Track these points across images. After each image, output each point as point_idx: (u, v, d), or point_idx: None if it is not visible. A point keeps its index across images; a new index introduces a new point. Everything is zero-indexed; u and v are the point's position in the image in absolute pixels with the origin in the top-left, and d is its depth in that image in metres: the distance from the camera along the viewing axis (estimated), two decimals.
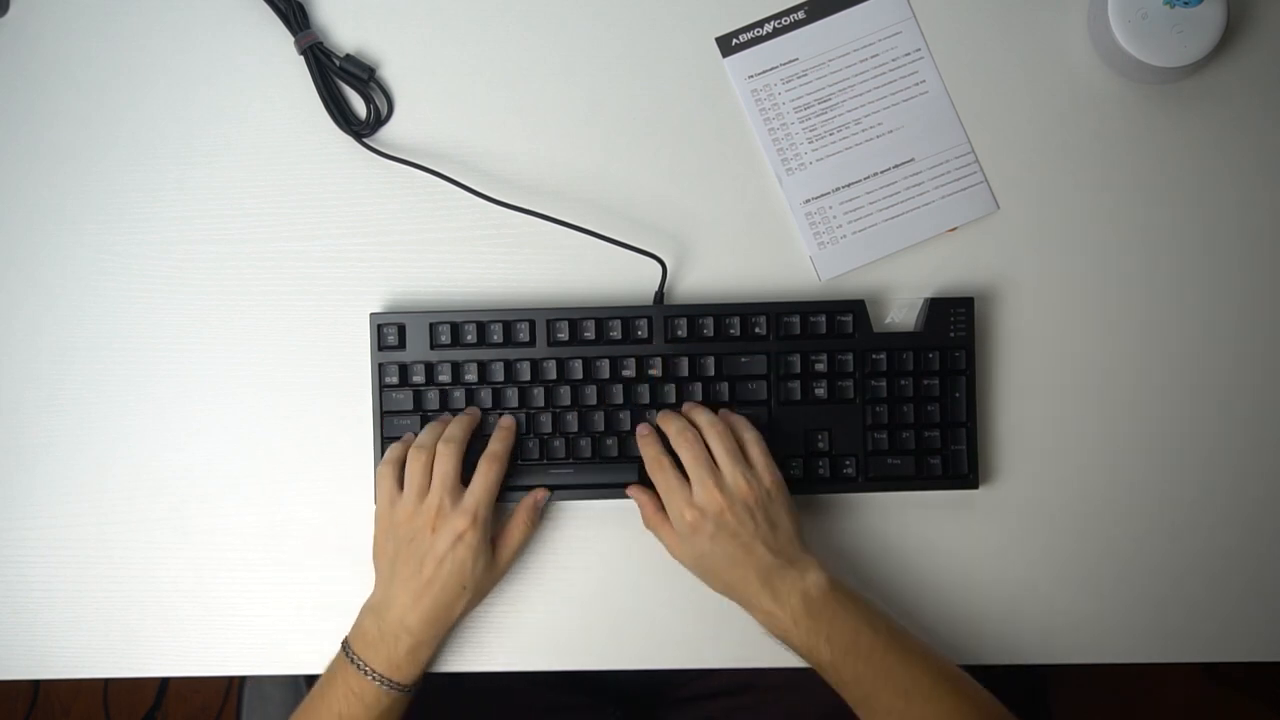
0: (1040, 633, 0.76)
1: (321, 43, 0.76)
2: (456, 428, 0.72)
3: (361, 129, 0.76)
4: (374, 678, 0.69)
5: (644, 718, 0.91)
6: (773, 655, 0.75)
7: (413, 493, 0.70)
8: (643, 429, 0.73)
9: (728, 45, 0.77)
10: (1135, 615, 0.76)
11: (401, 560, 0.70)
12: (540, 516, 0.75)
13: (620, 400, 0.73)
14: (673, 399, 0.73)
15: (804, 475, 0.74)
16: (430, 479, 0.70)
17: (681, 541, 0.69)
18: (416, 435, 0.73)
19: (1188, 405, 0.77)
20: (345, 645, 0.71)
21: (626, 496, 0.74)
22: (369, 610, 0.71)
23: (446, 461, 0.70)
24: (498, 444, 0.72)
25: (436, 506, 0.69)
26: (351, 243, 0.77)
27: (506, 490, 0.74)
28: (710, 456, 0.69)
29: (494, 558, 0.72)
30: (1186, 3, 0.72)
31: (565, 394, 0.73)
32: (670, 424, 0.71)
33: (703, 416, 0.71)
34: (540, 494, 0.74)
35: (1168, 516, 0.77)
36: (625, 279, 0.76)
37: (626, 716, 0.91)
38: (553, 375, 0.74)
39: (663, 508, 0.71)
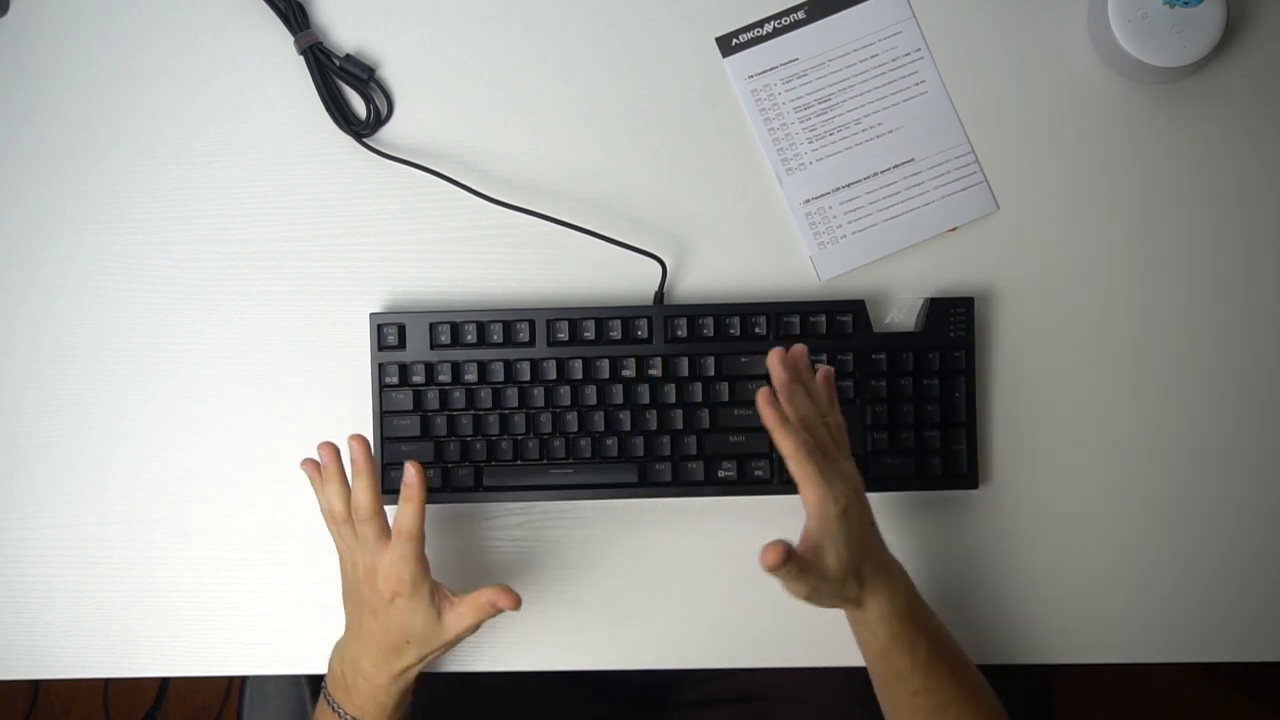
0: (1041, 633, 0.76)
1: (321, 43, 0.76)
2: (402, 496, 0.66)
3: (361, 129, 0.76)
4: (345, 718, 0.69)
5: (642, 716, 0.90)
6: (770, 655, 0.75)
7: (347, 545, 0.68)
8: (768, 403, 0.62)
9: (728, 45, 0.77)
10: (1135, 615, 0.76)
11: (353, 606, 0.69)
12: (494, 614, 0.67)
13: (620, 400, 0.73)
14: (673, 399, 0.73)
15: None
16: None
17: (828, 526, 0.61)
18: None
19: (1188, 405, 0.77)
20: (324, 685, 0.71)
21: (627, 496, 0.74)
22: (336, 649, 0.72)
23: (363, 529, 0.66)
24: (405, 517, 0.65)
25: (369, 566, 0.66)
26: (351, 243, 0.77)
27: (505, 491, 0.74)
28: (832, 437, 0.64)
29: (441, 619, 0.66)
30: (1186, 3, 0.72)
31: (565, 394, 0.73)
32: (802, 403, 0.64)
33: (825, 402, 0.65)
34: (506, 602, 0.66)
35: (1167, 516, 0.76)
36: (625, 279, 0.76)
37: (634, 716, 0.90)
38: (553, 375, 0.74)
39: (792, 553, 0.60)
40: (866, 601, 0.64)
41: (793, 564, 0.59)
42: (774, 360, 0.64)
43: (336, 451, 0.68)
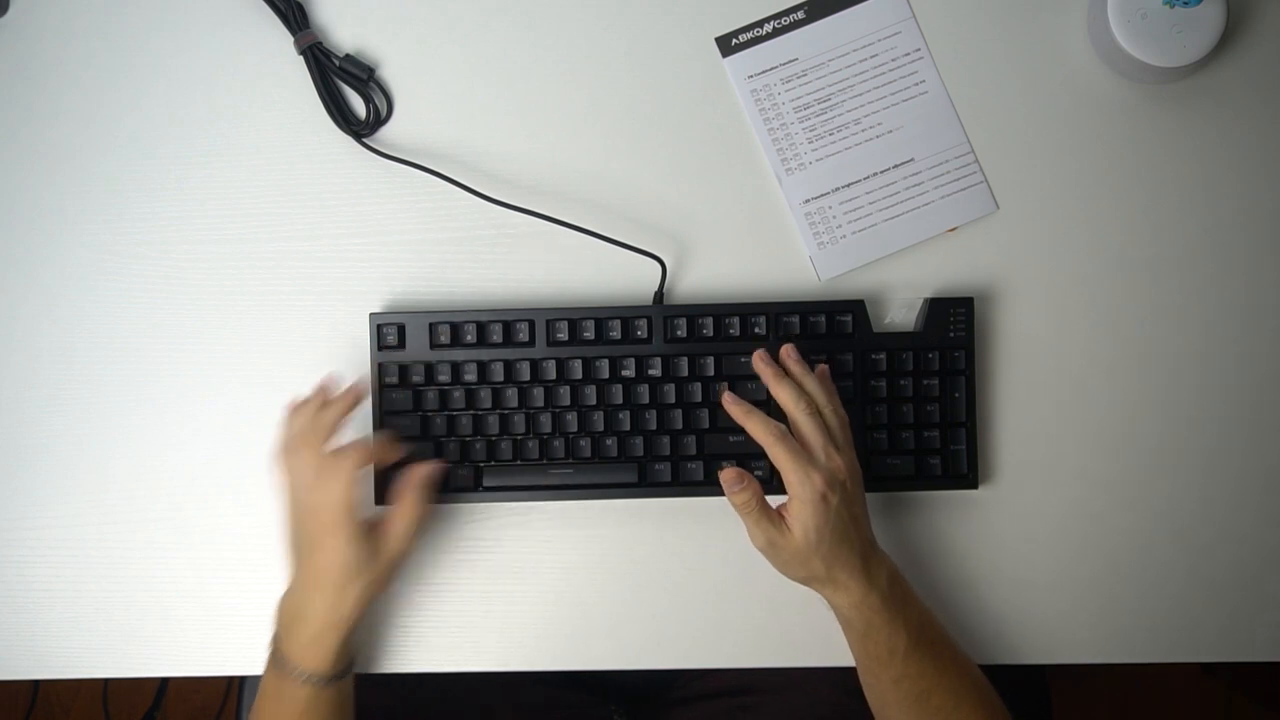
0: (1040, 633, 0.76)
1: (321, 43, 0.76)
2: (321, 413, 0.69)
3: (361, 129, 0.76)
4: (288, 670, 0.68)
5: (646, 716, 0.91)
6: (770, 655, 0.75)
7: (294, 482, 0.69)
8: (731, 399, 0.70)
9: (728, 45, 0.77)
10: (1135, 615, 0.76)
11: (296, 548, 0.69)
12: (430, 493, 0.70)
13: (620, 400, 0.73)
14: (672, 399, 0.73)
15: None
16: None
17: (802, 512, 0.65)
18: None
19: (1188, 405, 0.77)
20: (270, 649, 0.70)
21: (627, 496, 0.74)
22: (279, 605, 0.71)
23: (313, 453, 0.68)
24: (353, 447, 0.67)
25: (308, 500, 0.67)
26: (351, 243, 0.77)
27: (505, 491, 0.74)
28: (827, 428, 0.67)
29: (378, 545, 0.67)
30: (1186, 3, 0.72)
31: (565, 394, 0.73)
32: (788, 397, 0.68)
33: (819, 392, 0.68)
34: (430, 468, 0.69)
35: (1167, 516, 0.76)
36: (625, 279, 0.76)
37: (629, 715, 0.91)
38: (552, 375, 0.74)
39: (764, 498, 0.67)
40: (841, 589, 0.67)
41: (753, 500, 0.66)
42: (758, 358, 0.70)
43: (331, 386, 0.70)
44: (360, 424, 0.75)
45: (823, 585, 0.67)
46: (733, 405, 0.69)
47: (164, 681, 1.47)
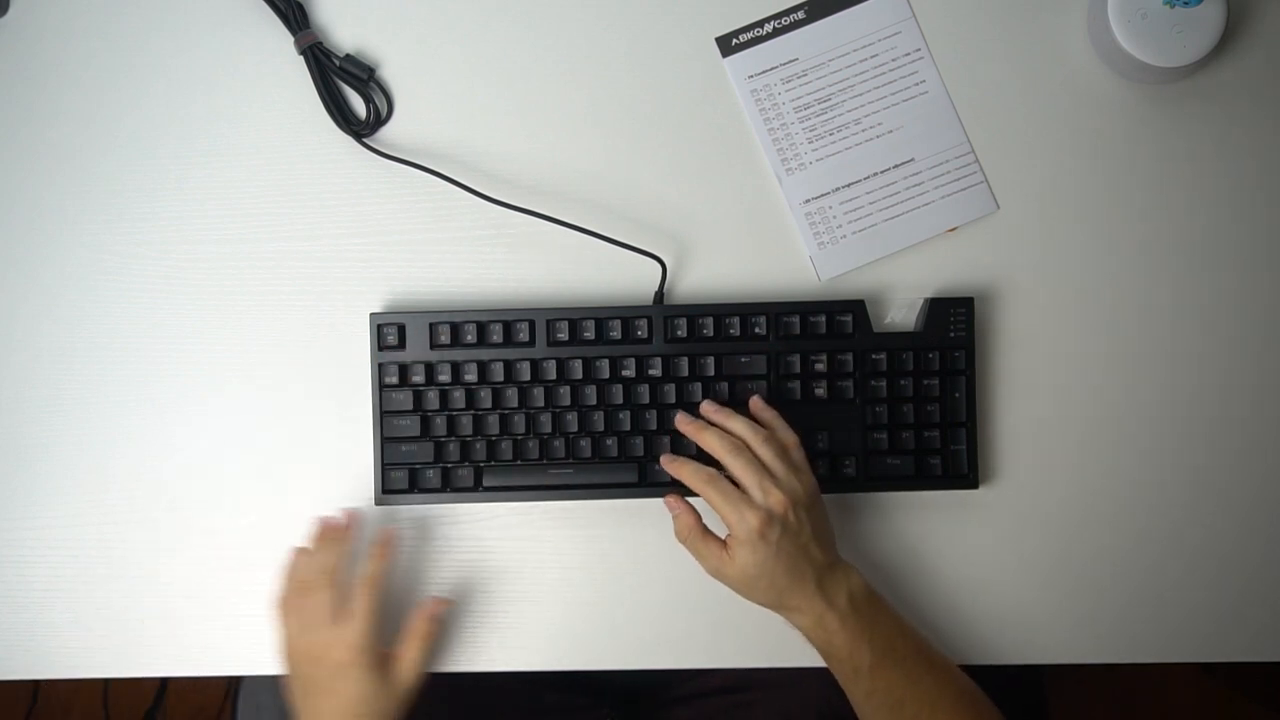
0: (1040, 633, 0.76)
1: (321, 43, 0.76)
2: (371, 551, 0.71)
3: (361, 129, 0.76)
4: None
5: (641, 716, 0.91)
6: (770, 655, 0.75)
7: (300, 625, 0.70)
8: (666, 458, 0.71)
9: (728, 45, 0.77)
10: (1134, 615, 0.76)
11: (305, 696, 0.69)
12: (440, 629, 0.72)
13: (620, 400, 0.73)
14: (672, 399, 0.73)
15: None
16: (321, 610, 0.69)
17: (742, 549, 0.66)
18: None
19: (1187, 405, 0.77)
20: None
21: (627, 496, 0.74)
22: None
23: (329, 594, 0.69)
24: (374, 564, 0.70)
25: (320, 639, 0.68)
26: (351, 243, 0.77)
27: (505, 491, 0.74)
28: (761, 462, 0.68)
29: (389, 679, 0.69)
30: (1186, 3, 0.72)
31: (565, 394, 0.73)
32: (713, 442, 0.69)
33: (744, 430, 0.69)
34: (437, 607, 0.72)
35: (1167, 516, 0.77)
36: (625, 279, 0.76)
37: (624, 716, 0.91)
38: (552, 375, 0.74)
39: (701, 523, 0.69)
40: (796, 612, 0.67)
41: (686, 530, 0.68)
42: (679, 421, 0.71)
43: (351, 523, 0.73)
44: (360, 424, 0.75)
45: (777, 610, 0.68)
46: (668, 464, 0.71)
47: (164, 681, 1.47)
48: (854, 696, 0.69)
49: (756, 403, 0.72)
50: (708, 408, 0.71)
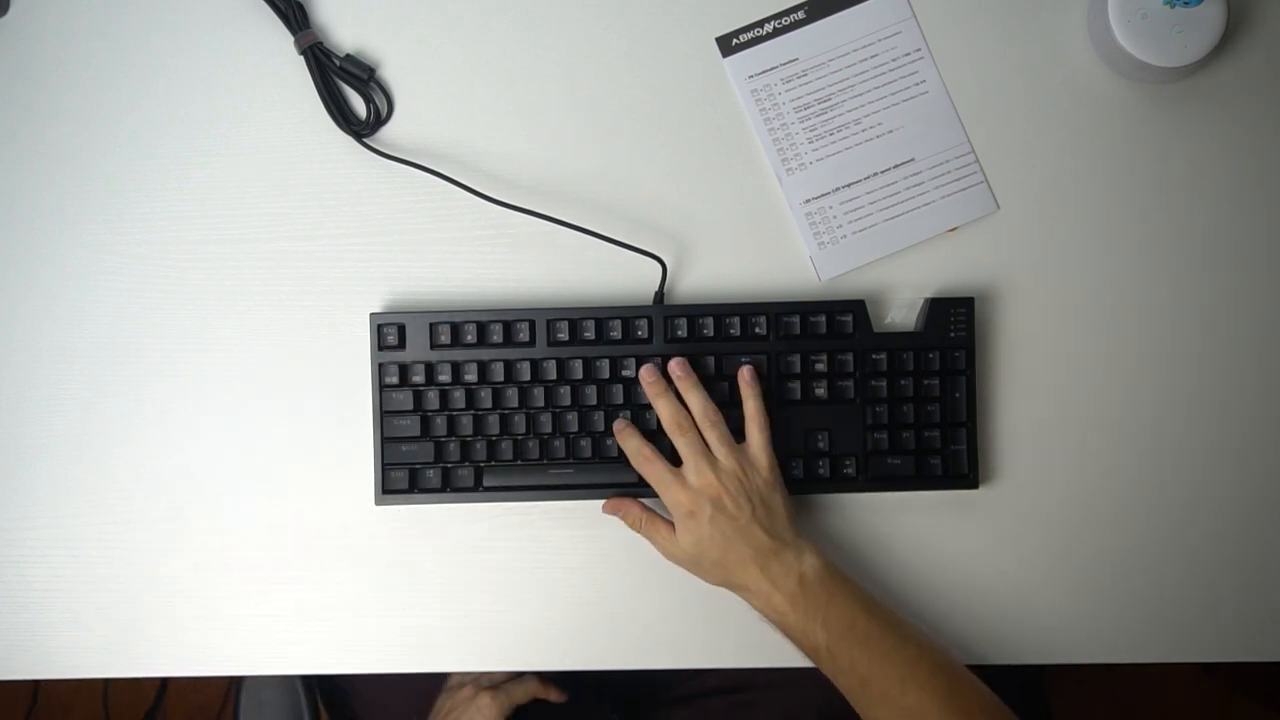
0: (1040, 633, 0.76)
1: (321, 43, 0.76)
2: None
3: (361, 129, 0.76)
4: None
5: (642, 716, 0.91)
6: (770, 655, 0.75)
7: None
8: (619, 423, 0.72)
9: (728, 45, 0.77)
10: (1135, 615, 0.76)
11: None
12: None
13: (620, 400, 0.73)
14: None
15: (804, 475, 0.74)
16: None
17: (678, 529, 0.69)
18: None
19: (1187, 404, 0.77)
20: None
21: (627, 496, 0.74)
22: None
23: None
24: (519, 691, 0.87)
25: None
26: (351, 243, 0.77)
27: (505, 491, 0.74)
28: (704, 443, 0.69)
29: None
30: (1186, 3, 0.72)
31: (565, 394, 0.73)
32: (664, 411, 0.70)
33: (697, 402, 0.71)
34: (551, 694, 0.88)
35: (1167, 516, 0.77)
36: (625, 279, 0.76)
37: (625, 716, 0.91)
38: (553, 375, 0.73)
39: (647, 510, 0.71)
40: (744, 592, 0.69)
41: (636, 520, 0.71)
42: (644, 372, 0.72)
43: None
44: (360, 424, 0.75)
45: (731, 589, 0.70)
46: (619, 431, 0.72)
47: (164, 681, 1.47)
48: (827, 675, 0.69)
49: (742, 374, 0.72)
50: (674, 366, 0.72)
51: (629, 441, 0.71)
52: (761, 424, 0.71)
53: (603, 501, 0.73)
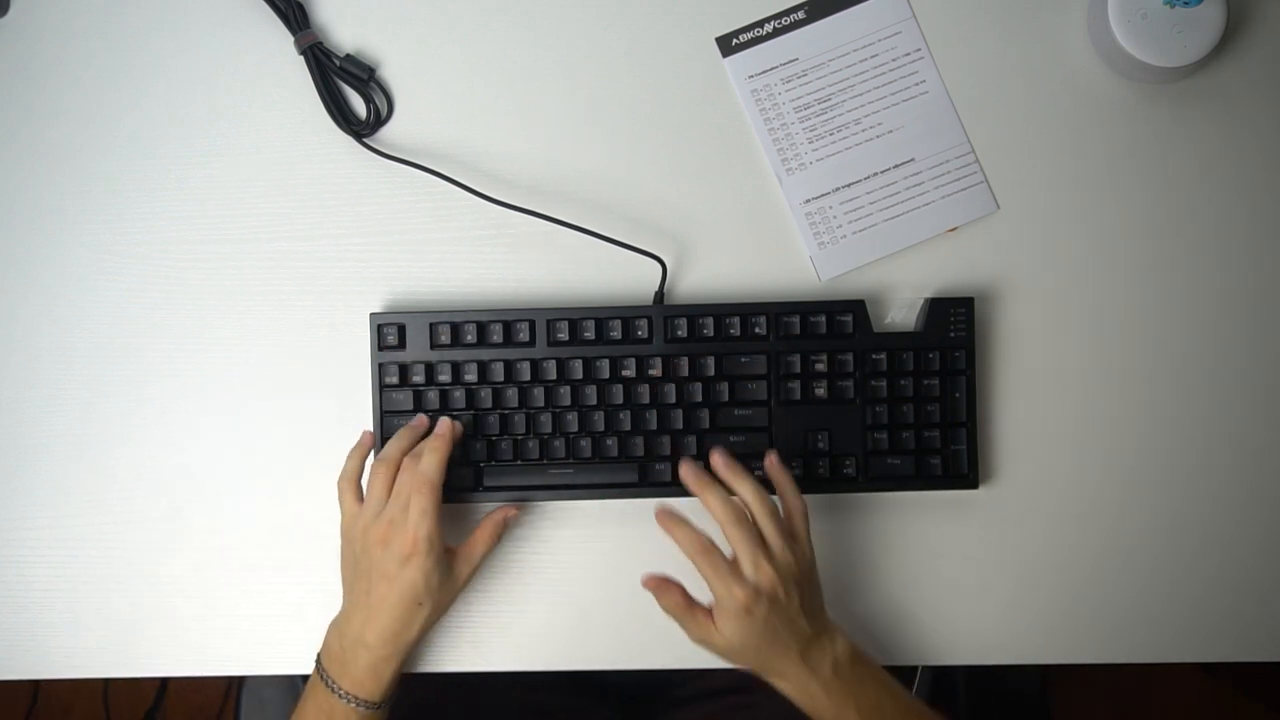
0: (1040, 633, 0.76)
1: (321, 43, 0.76)
2: (425, 444, 0.71)
3: (361, 129, 0.76)
4: (340, 694, 0.69)
5: (643, 717, 0.91)
6: None
7: (371, 506, 0.69)
8: (661, 512, 0.69)
9: (728, 45, 0.77)
10: (1135, 615, 0.76)
11: (359, 575, 0.70)
12: (505, 532, 0.74)
13: (620, 400, 0.73)
14: (672, 399, 0.73)
15: (804, 475, 0.74)
16: (389, 493, 0.69)
17: (725, 622, 0.66)
18: (380, 446, 0.73)
19: (1188, 405, 0.77)
20: (317, 660, 0.71)
21: (627, 496, 0.74)
22: (334, 625, 0.71)
23: (405, 478, 0.69)
24: (428, 461, 0.69)
25: (389, 521, 0.68)
26: (351, 243, 0.77)
27: (505, 491, 0.74)
28: (760, 535, 0.67)
29: (451, 572, 0.70)
30: (1186, 3, 0.72)
31: (565, 394, 0.73)
32: (715, 506, 0.68)
33: (750, 495, 0.68)
34: (510, 512, 0.73)
35: (1167, 516, 0.77)
36: (625, 279, 0.76)
37: (625, 716, 0.91)
38: (553, 375, 0.74)
39: (687, 597, 0.68)
40: (779, 678, 0.68)
41: (674, 605, 0.68)
42: (684, 470, 0.70)
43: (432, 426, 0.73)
44: (360, 424, 0.75)
45: (763, 674, 0.69)
46: (663, 518, 0.69)
47: (164, 681, 1.47)
48: None
49: (772, 461, 0.71)
50: (718, 460, 0.70)
51: (677, 529, 0.68)
52: (804, 513, 0.69)
53: (644, 576, 0.69)
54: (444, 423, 0.72)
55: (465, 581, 0.72)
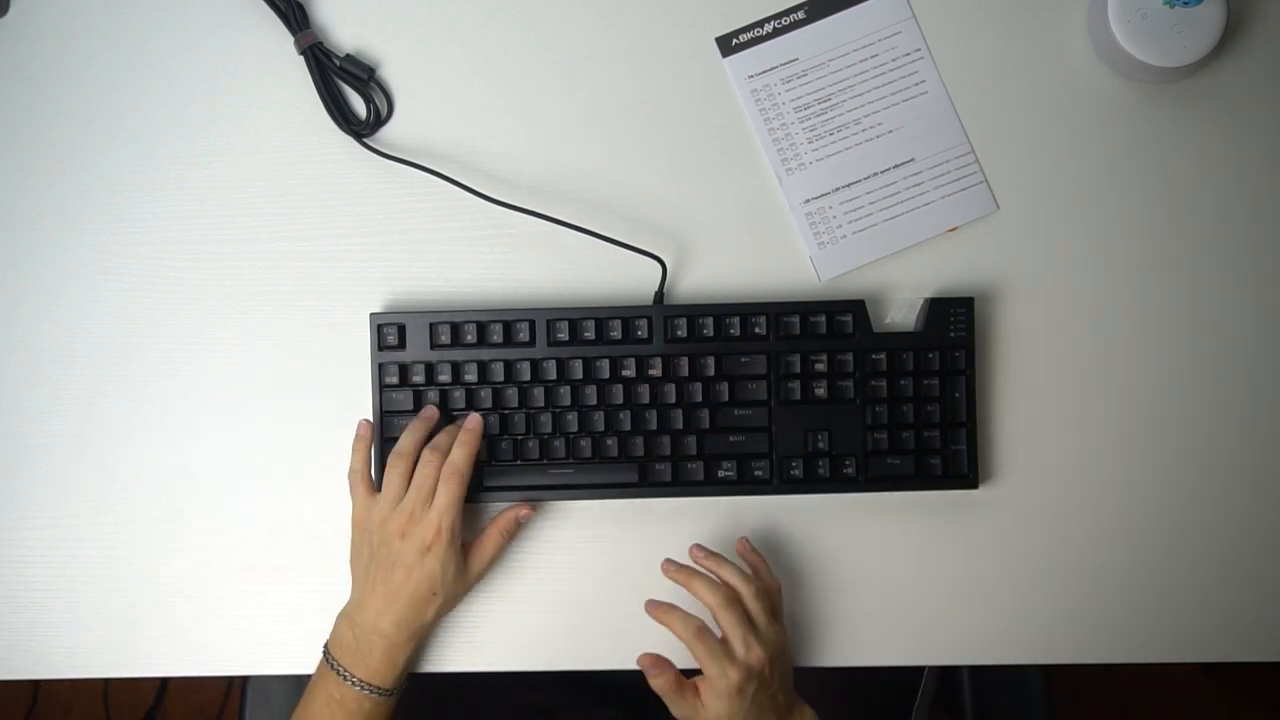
0: (1040, 633, 0.76)
1: (321, 43, 0.76)
2: (444, 437, 0.72)
3: (361, 129, 0.76)
4: (353, 683, 0.69)
5: (643, 717, 0.91)
6: None
7: (389, 498, 0.70)
8: (653, 605, 0.72)
9: (728, 45, 0.77)
10: (1135, 615, 0.76)
11: (375, 565, 0.70)
12: (519, 531, 0.75)
13: (620, 400, 0.73)
14: (672, 399, 0.73)
15: (804, 475, 0.74)
16: (407, 485, 0.70)
17: (714, 700, 0.68)
18: (379, 435, 0.74)
19: (1188, 404, 0.77)
20: (326, 651, 0.72)
21: (627, 496, 0.74)
22: (344, 615, 0.72)
23: (426, 471, 0.70)
24: (458, 453, 0.71)
25: (409, 513, 0.69)
26: (351, 243, 0.77)
27: (505, 491, 0.74)
28: (749, 616, 0.69)
29: (466, 566, 0.72)
30: (1186, 3, 0.72)
31: (565, 394, 0.73)
32: (704, 593, 0.70)
33: (736, 580, 0.70)
34: (523, 511, 0.73)
35: (1167, 516, 0.77)
36: (625, 279, 0.76)
37: (625, 716, 0.91)
38: (553, 375, 0.74)
39: (680, 678, 0.70)
40: None
41: (666, 685, 0.69)
42: (666, 568, 0.72)
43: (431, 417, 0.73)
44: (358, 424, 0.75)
45: None
46: (655, 609, 0.71)
47: (164, 681, 1.47)
48: None
49: (743, 545, 0.74)
50: (697, 552, 0.72)
51: (670, 617, 0.70)
52: (780, 592, 0.72)
53: (640, 654, 0.70)
54: (474, 418, 0.72)
55: (477, 577, 0.73)
